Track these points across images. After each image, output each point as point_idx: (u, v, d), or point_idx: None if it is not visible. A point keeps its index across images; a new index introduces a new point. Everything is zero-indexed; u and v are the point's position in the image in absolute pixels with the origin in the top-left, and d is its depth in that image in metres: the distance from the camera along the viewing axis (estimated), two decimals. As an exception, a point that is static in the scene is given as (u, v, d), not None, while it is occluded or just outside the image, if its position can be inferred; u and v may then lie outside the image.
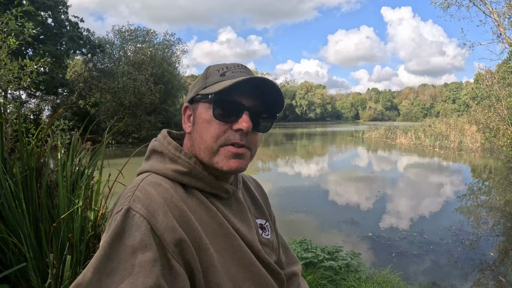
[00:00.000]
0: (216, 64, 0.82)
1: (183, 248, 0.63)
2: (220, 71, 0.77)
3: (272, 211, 1.03)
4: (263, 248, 0.83)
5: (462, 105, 69.00)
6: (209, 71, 0.79)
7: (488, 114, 14.21)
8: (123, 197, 0.67)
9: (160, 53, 27.67)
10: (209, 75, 0.78)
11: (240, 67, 0.79)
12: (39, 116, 21.63)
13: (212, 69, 0.79)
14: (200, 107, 0.76)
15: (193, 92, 0.79)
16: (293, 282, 0.98)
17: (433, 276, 3.80)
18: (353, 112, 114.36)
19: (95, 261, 0.56)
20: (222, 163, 0.73)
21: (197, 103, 0.77)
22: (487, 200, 7.89)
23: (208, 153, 0.73)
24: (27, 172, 2.07)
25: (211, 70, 0.79)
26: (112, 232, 0.59)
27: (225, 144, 0.73)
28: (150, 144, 0.81)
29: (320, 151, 20.27)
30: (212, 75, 0.77)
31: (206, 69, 0.81)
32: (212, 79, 0.76)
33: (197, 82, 0.80)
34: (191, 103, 0.79)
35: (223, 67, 0.78)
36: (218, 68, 0.78)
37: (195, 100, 0.77)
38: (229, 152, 0.72)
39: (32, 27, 2.87)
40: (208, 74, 0.78)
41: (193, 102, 0.78)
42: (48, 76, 18.91)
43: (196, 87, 0.78)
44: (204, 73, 0.80)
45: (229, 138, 0.72)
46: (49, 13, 19.53)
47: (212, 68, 0.79)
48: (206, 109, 0.74)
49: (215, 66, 0.80)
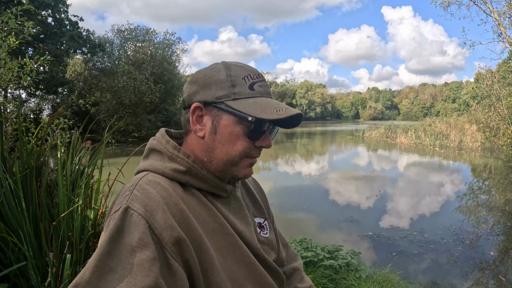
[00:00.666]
0: (235, 63, 0.77)
1: (182, 247, 0.63)
2: (247, 81, 0.73)
3: (270, 209, 1.03)
4: (262, 246, 0.83)
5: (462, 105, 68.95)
6: (233, 76, 0.73)
7: (488, 113, 14.21)
8: (121, 196, 0.67)
9: (160, 52, 27.64)
10: (236, 83, 0.72)
11: (262, 79, 0.76)
12: (39, 115, 21.65)
13: (236, 72, 0.73)
14: (226, 118, 0.72)
15: (210, 95, 0.73)
16: (296, 276, 1.01)
17: (433, 275, 3.81)
18: (353, 111, 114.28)
19: (94, 260, 0.56)
20: (238, 172, 0.76)
21: (219, 110, 0.72)
22: (487, 199, 7.90)
23: (229, 164, 0.75)
24: (27, 171, 2.07)
25: (236, 76, 0.73)
26: (111, 231, 0.59)
27: (245, 157, 0.75)
28: (149, 143, 0.80)
29: (320, 150, 20.28)
30: (239, 85, 0.72)
31: (226, 67, 0.74)
32: (241, 90, 0.72)
33: (218, 83, 0.73)
34: (205, 105, 0.74)
35: (247, 74, 0.74)
36: (242, 75, 0.73)
37: (218, 108, 0.72)
38: (247, 163, 0.76)
39: (32, 26, 2.86)
40: (234, 80, 0.72)
41: (213, 107, 0.73)
42: (48, 75, 18.90)
43: (217, 91, 0.72)
44: (225, 74, 0.73)
45: (251, 153, 0.75)
46: (49, 12, 19.53)
47: (235, 72, 0.73)
48: (234, 123, 0.71)
49: (238, 70, 0.74)
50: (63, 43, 20.42)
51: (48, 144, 2.65)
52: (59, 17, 20.23)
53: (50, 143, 2.70)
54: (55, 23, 20.09)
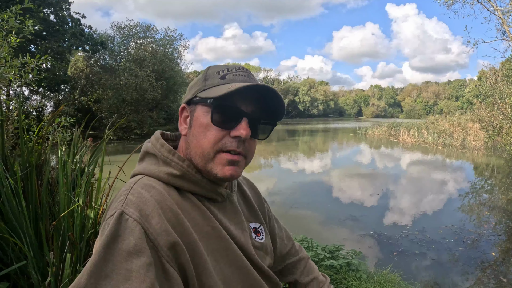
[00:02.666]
0: (216, 65, 0.80)
1: (177, 252, 0.63)
2: (221, 73, 0.75)
3: (270, 212, 1.03)
4: (257, 251, 0.83)
5: (465, 103, 68.64)
6: (208, 73, 0.77)
7: (492, 112, 14.12)
8: (116, 201, 0.66)
9: (161, 49, 27.64)
10: (209, 77, 0.76)
11: (241, 70, 0.77)
12: (42, 112, 21.72)
13: (212, 70, 0.77)
14: (198, 110, 0.74)
15: (191, 93, 0.77)
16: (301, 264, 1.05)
17: (434, 276, 3.80)
18: (356, 108, 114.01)
19: (90, 266, 0.56)
20: (217, 170, 0.72)
21: (195, 105, 0.75)
22: (489, 198, 7.86)
23: (204, 159, 0.72)
24: (28, 169, 2.07)
25: (211, 72, 0.77)
26: (106, 237, 0.58)
27: (221, 150, 0.72)
28: (144, 146, 0.80)
29: (322, 147, 20.24)
30: (212, 77, 0.75)
31: (206, 70, 0.79)
32: (212, 82, 0.74)
33: (196, 83, 0.78)
34: (188, 104, 0.77)
35: (223, 69, 0.76)
36: (218, 70, 0.76)
37: (193, 102, 0.76)
38: (224, 160, 0.72)
39: (32, 24, 2.85)
40: (207, 76, 0.76)
41: (191, 103, 0.76)
42: (50, 73, 18.94)
43: (195, 88, 0.76)
44: (203, 74, 0.78)
45: (226, 145, 0.71)
46: (51, 9, 19.54)
47: (212, 70, 0.77)
48: (204, 113, 0.72)
49: (216, 67, 0.78)
50: (65, 41, 20.44)
51: (49, 143, 2.65)
52: (61, 14, 20.23)
53: (51, 141, 2.70)
54: (57, 20, 20.11)
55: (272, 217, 1.04)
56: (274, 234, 1.01)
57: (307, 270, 1.05)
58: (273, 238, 1.00)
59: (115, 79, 23.61)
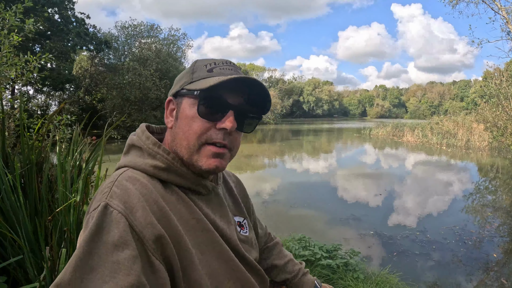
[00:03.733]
0: (204, 58, 0.80)
1: (162, 244, 0.63)
2: (208, 67, 0.75)
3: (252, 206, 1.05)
4: (242, 245, 0.83)
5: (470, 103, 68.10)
6: (196, 66, 0.77)
7: (496, 112, 14.01)
8: (100, 193, 0.66)
9: (165, 49, 27.71)
10: (196, 70, 0.76)
11: (228, 64, 0.77)
12: (46, 111, 21.86)
13: (199, 63, 0.77)
14: (184, 102, 0.74)
15: (178, 86, 0.77)
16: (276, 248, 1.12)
17: (434, 277, 3.77)
18: (360, 109, 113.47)
19: (74, 260, 0.55)
20: (202, 162, 0.72)
21: (181, 97, 0.75)
22: (493, 199, 7.80)
23: (189, 151, 0.72)
24: (28, 166, 2.09)
25: (198, 65, 0.77)
26: (90, 230, 0.58)
27: (206, 142, 0.72)
28: (129, 138, 0.80)
29: (326, 147, 20.19)
30: (199, 70, 0.75)
31: (193, 63, 0.79)
32: (198, 74, 0.74)
33: (183, 76, 0.78)
34: (175, 97, 0.77)
35: (210, 62, 0.76)
36: (205, 63, 0.76)
37: (180, 95, 0.76)
38: (209, 152, 0.72)
39: (33, 23, 2.88)
40: (195, 69, 0.76)
41: (177, 96, 0.77)
42: (54, 72, 19.07)
43: (182, 81, 0.76)
44: (190, 67, 0.78)
45: (212, 137, 0.72)
46: (55, 9, 19.66)
47: (199, 63, 0.77)
48: (190, 105, 0.73)
49: (203, 61, 0.78)
50: (69, 40, 20.56)
51: (49, 140, 2.67)
52: (66, 14, 20.34)
53: (51, 139, 2.72)
54: (62, 20, 20.22)
55: (254, 213, 1.06)
56: (256, 229, 1.04)
57: (283, 254, 1.11)
58: (256, 233, 1.03)
59: (119, 78, 23.69)
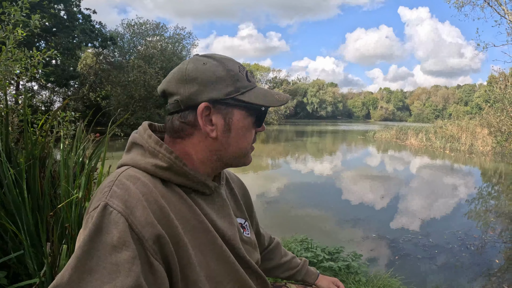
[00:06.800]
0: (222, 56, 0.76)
1: (161, 244, 0.62)
2: (242, 73, 0.75)
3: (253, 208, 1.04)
4: (244, 246, 0.82)
5: (474, 108, 67.86)
6: (233, 71, 0.74)
7: (500, 117, 13.93)
8: (100, 192, 0.65)
9: (170, 47, 27.81)
10: (238, 77, 0.73)
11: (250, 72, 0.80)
12: (50, 108, 21.98)
13: (231, 67, 0.74)
14: (237, 113, 0.74)
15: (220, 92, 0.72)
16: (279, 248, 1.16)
17: (437, 281, 3.74)
18: (364, 111, 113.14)
19: (73, 261, 0.55)
20: (246, 161, 0.80)
21: (229, 107, 0.73)
22: (496, 204, 7.75)
23: (239, 157, 0.78)
24: (31, 161, 2.09)
25: (233, 69, 0.74)
26: (89, 230, 0.57)
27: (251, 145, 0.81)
28: (131, 136, 0.78)
29: (330, 149, 20.17)
30: (241, 78, 0.74)
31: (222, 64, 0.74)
32: (244, 83, 0.74)
33: (222, 80, 0.72)
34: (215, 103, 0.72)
35: (238, 66, 0.75)
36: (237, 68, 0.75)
37: (226, 104, 0.73)
38: (251, 150, 0.81)
39: (38, 19, 2.88)
40: (235, 75, 0.73)
41: (220, 104, 0.72)
42: (59, 69, 19.15)
43: (223, 87, 0.72)
44: (225, 70, 0.73)
45: (254, 140, 0.81)
46: (61, 5, 19.76)
47: (231, 66, 0.74)
48: (244, 117, 0.75)
49: (229, 62, 0.75)
50: (74, 37, 20.65)
51: (53, 136, 2.68)
52: (71, 10, 20.45)
53: (55, 135, 2.72)
54: (68, 16, 20.32)
55: (256, 215, 1.06)
56: (258, 230, 1.06)
57: (285, 252, 1.17)
58: (258, 234, 1.04)
59: (123, 76, 23.78)
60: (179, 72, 0.74)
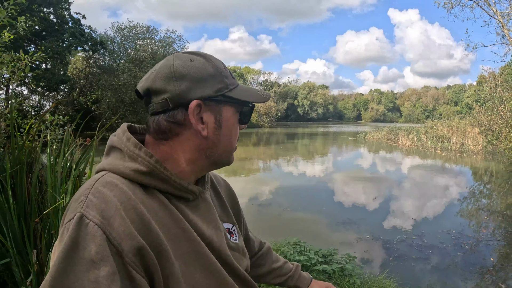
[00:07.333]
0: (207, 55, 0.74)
1: (142, 256, 0.58)
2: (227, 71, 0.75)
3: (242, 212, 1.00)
4: (232, 253, 0.78)
5: (464, 108, 68.74)
6: (220, 68, 0.72)
7: (491, 116, 14.10)
8: (75, 201, 0.60)
9: (161, 51, 27.71)
10: (225, 74, 0.73)
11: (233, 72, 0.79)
12: (40, 112, 21.68)
13: (218, 64, 0.73)
14: (226, 109, 0.73)
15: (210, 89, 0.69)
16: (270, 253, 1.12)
17: (432, 281, 3.74)
18: (355, 112, 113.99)
19: (49, 279, 0.51)
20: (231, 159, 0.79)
21: (218, 104, 0.71)
22: (488, 203, 7.83)
23: (229, 153, 0.77)
24: (18, 167, 2.03)
25: (220, 66, 0.72)
26: (65, 245, 0.53)
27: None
28: (109, 139, 0.72)
29: (321, 151, 20.22)
30: (228, 75, 0.73)
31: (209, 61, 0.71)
32: (230, 81, 0.73)
33: (212, 76, 0.70)
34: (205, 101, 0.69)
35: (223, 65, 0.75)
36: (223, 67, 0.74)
37: (217, 101, 0.71)
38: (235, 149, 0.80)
39: (24, 20, 2.81)
40: (223, 72, 0.72)
41: (210, 101, 0.70)
42: (49, 73, 18.92)
43: (214, 84, 0.70)
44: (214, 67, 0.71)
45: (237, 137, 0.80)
46: (51, 9, 19.56)
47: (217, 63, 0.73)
48: (233, 113, 0.75)
49: (217, 60, 0.74)
50: (64, 40, 20.44)
51: (40, 140, 2.61)
52: (61, 14, 20.25)
53: (42, 139, 2.66)
54: (57, 20, 20.12)
55: (244, 219, 1.01)
56: (248, 235, 1.02)
57: (276, 257, 1.14)
58: (247, 239, 1.01)
59: (114, 79, 23.60)
60: (165, 69, 0.69)
